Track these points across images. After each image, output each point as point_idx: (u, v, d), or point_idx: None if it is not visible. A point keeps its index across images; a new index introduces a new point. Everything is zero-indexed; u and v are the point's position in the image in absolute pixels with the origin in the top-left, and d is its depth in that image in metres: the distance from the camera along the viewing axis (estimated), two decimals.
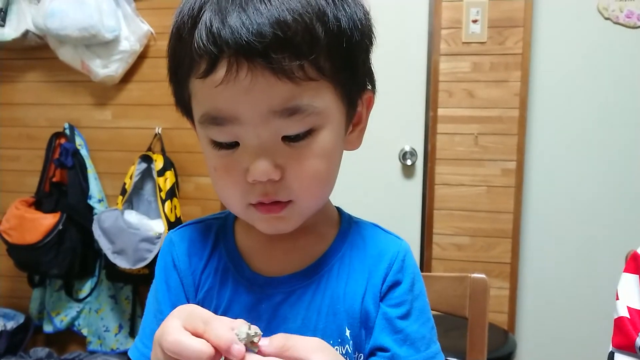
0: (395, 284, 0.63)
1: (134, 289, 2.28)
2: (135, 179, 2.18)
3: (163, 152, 2.23)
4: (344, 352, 0.62)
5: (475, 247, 2.22)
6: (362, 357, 0.64)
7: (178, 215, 2.16)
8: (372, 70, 0.64)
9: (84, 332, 2.32)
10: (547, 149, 2.20)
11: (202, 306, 0.64)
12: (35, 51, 2.31)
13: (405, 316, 0.63)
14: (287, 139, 0.55)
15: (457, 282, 0.90)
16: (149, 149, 2.25)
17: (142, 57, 2.25)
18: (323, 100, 0.55)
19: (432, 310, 0.96)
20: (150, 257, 2.03)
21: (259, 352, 0.45)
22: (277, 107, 0.53)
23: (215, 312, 0.59)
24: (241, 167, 0.56)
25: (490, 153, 2.17)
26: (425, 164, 2.26)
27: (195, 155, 2.25)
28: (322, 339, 0.59)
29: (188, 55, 0.55)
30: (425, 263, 2.26)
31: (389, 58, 2.23)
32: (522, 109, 2.13)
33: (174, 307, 0.65)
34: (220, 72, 0.52)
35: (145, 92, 2.28)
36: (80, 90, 2.34)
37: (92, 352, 2.26)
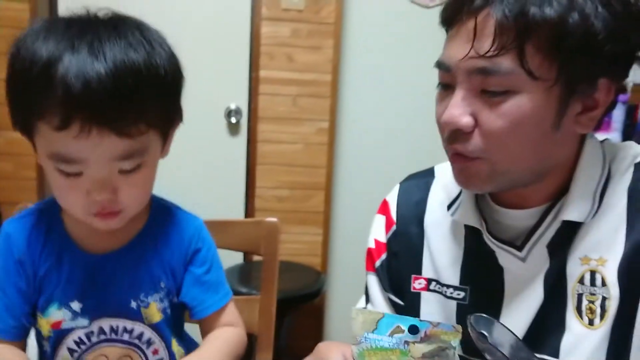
0: (198, 250, 0.85)
1: None
2: None
3: None
4: (160, 297, 0.82)
5: (295, 198, 2.44)
6: (170, 301, 0.84)
7: None
8: (180, 105, 0.79)
9: None
10: (356, 110, 2.47)
11: (44, 281, 0.79)
12: None
13: (207, 271, 0.86)
14: (121, 171, 0.70)
15: (254, 226, 1.06)
16: None
17: None
18: (149, 143, 0.72)
19: (234, 249, 1.13)
20: None
21: None
22: (118, 157, 0.69)
23: (58, 285, 0.78)
24: (84, 189, 0.70)
25: (307, 113, 2.38)
26: (249, 122, 2.40)
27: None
28: (140, 289, 0.81)
29: (38, 103, 0.66)
30: (248, 215, 2.43)
31: (214, 20, 2.29)
32: (335, 74, 2.36)
33: (14, 285, 0.80)
34: (74, 129, 0.65)
35: None
36: None
37: None
